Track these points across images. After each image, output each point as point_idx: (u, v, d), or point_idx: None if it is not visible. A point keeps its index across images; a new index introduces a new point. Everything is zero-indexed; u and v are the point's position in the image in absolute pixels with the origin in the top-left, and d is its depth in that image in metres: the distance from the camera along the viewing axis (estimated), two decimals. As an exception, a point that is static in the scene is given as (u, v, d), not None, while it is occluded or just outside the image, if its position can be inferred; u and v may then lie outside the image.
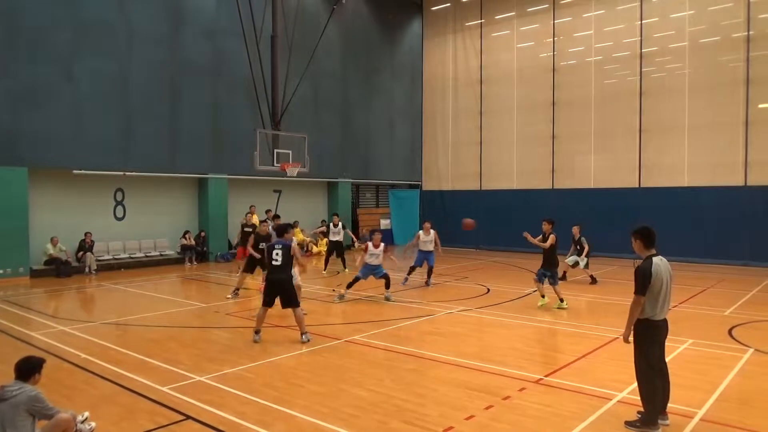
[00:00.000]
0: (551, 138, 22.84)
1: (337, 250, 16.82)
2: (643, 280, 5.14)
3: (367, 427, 5.41)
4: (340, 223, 16.81)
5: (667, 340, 5.46)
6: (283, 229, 9.02)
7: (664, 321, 5.31)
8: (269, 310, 8.86)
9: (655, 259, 5.21)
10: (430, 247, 13.98)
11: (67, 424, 4.80)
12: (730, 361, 7.45)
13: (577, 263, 14.73)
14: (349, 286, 12.25)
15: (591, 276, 14.61)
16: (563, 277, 14.05)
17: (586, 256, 14.57)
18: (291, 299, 8.67)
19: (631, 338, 5.41)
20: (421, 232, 14.12)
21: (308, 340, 8.62)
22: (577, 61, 22.29)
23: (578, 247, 14.77)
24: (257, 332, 8.75)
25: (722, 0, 18.96)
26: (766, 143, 18.21)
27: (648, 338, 5.26)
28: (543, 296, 11.47)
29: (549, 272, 11.35)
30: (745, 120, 18.54)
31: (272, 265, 8.62)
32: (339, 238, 16.73)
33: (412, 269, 14.32)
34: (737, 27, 18.68)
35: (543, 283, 11.42)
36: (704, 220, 18.88)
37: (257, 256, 12.05)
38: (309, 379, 6.86)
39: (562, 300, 11.24)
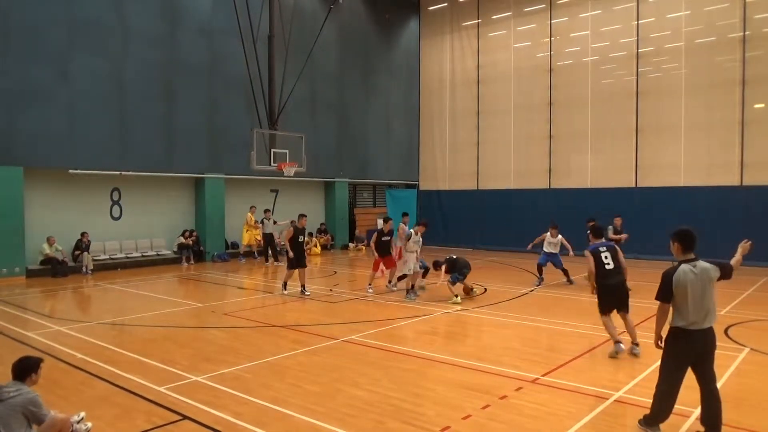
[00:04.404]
0: (548, 138, 22.87)
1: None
2: (662, 287, 5.03)
3: (363, 427, 5.41)
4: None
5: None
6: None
7: (701, 333, 4.91)
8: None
9: (683, 266, 5.02)
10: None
11: (63, 424, 4.79)
12: (726, 360, 7.46)
13: None
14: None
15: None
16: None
17: None
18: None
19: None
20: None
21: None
22: (574, 61, 22.32)
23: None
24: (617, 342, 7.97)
25: (718, 0, 19.02)
26: (761, 143, 18.28)
27: (672, 347, 5.03)
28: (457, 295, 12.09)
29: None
30: (740, 120, 18.60)
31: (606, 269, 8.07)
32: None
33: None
34: (733, 27, 18.74)
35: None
36: (700, 220, 18.87)
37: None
38: (306, 379, 6.86)
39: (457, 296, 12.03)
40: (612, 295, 8.00)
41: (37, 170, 15.99)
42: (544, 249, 14.38)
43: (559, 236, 14.22)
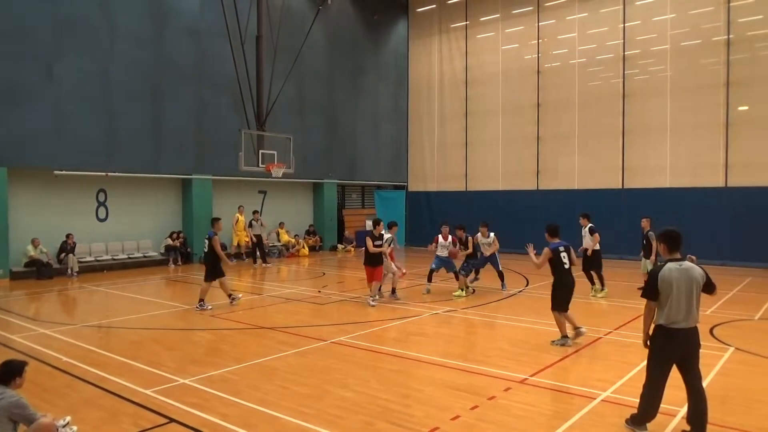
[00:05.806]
0: (536, 139, 23.00)
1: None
2: (648, 284, 5.16)
3: (352, 428, 5.39)
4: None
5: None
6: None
7: (683, 332, 5.00)
8: None
9: (668, 264, 5.11)
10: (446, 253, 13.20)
11: (48, 428, 4.73)
12: (711, 359, 7.54)
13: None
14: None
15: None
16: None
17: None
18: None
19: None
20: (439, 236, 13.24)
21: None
22: (561, 63, 22.47)
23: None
24: None
25: (703, 4, 19.23)
26: (745, 145, 18.51)
27: (656, 346, 5.13)
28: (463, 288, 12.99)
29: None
30: (725, 122, 18.82)
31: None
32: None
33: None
34: (718, 30, 18.96)
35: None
36: (685, 221, 19.08)
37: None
38: (294, 381, 6.83)
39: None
40: (569, 293, 8.45)
41: (21, 171, 15.79)
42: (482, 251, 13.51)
43: (492, 235, 13.37)
